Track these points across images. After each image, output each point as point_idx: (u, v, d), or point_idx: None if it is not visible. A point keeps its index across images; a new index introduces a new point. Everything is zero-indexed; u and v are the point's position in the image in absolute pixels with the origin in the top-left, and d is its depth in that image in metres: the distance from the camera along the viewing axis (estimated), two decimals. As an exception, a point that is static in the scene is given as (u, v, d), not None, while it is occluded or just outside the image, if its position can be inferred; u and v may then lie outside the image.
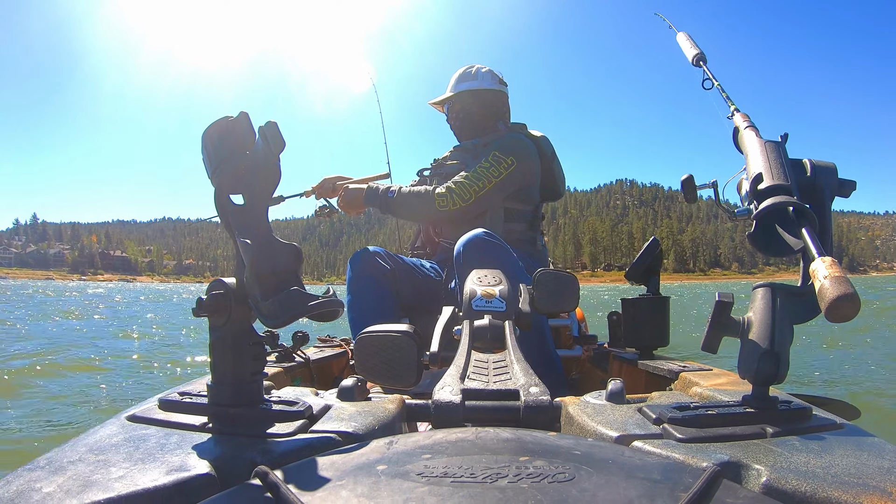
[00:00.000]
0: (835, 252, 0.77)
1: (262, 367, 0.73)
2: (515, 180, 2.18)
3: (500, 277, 1.15)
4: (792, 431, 0.69)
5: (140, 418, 0.73)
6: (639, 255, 1.71)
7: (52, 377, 4.37)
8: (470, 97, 2.37)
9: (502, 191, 2.16)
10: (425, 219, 2.36)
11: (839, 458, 0.61)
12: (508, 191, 2.18)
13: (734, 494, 0.39)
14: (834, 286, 0.67)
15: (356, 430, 0.67)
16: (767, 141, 0.94)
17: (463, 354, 0.83)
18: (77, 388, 3.98)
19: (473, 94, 2.36)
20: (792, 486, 0.54)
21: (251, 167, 0.69)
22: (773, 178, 0.86)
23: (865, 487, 0.54)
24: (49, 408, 3.42)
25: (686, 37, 1.58)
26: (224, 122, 0.70)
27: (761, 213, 0.82)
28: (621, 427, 0.68)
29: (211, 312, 0.70)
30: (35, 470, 0.56)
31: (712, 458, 0.59)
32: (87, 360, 5.30)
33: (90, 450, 0.62)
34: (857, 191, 0.88)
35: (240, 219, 0.69)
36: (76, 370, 4.70)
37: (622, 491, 0.38)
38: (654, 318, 1.66)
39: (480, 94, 2.36)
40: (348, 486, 0.39)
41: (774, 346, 0.70)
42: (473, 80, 2.37)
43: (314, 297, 0.65)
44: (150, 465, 0.57)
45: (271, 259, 0.68)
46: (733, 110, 1.16)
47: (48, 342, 6.77)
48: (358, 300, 2.04)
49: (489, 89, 2.36)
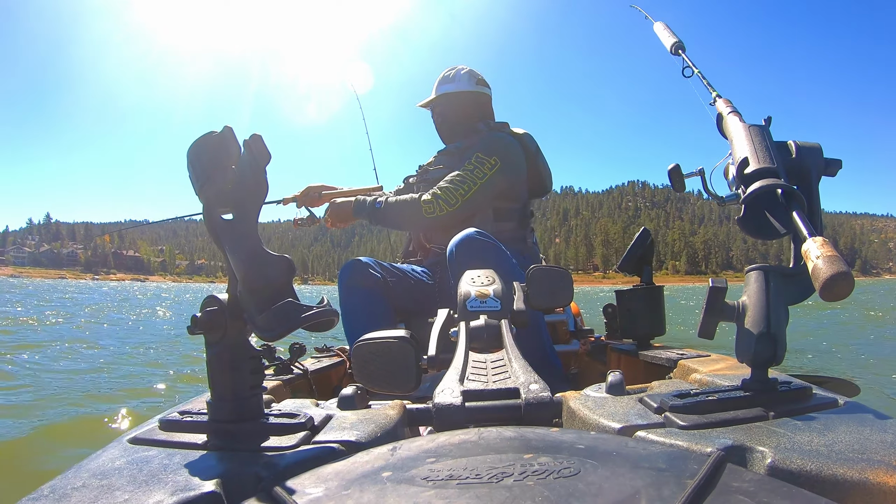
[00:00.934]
0: (847, 254, 0.78)
1: (261, 381, 0.73)
2: (501, 179, 2.17)
3: (494, 277, 1.15)
4: (793, 412, 0.69)
5: (141, 440, 0.72)
6: (630, 246, 1.71)
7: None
8: (449, 100, 2.38)
9: (488, 191, 2.16)
10: (414, 227, 2.35)
11: (842, 436, 0.61)
12: (495, 191, 2.18)
13: (740, 478, 0.39)
14: (827, 265, 0.67)
15: (359, 438, 0.66)
16: (751, 125, 0.95)
17: (461, 356, 0.83)
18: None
19: (453, 97, 2.37)
20: (797, 465, 0.54)
21: (238, 181, 0.68)
22: (759, 161, 0.86)
23: (870, 462, 0.54)
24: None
25: (664, 26, 1.59)
26: (208, 137, 0.70)
27: (749, 196, 0.82)
28: (623, 418, 0.68)
29: (206, 329, 0.69)
30: (39, 499, 0.56)
31: (716, 444, 0.59)
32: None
33: (93, 475, 0.61)
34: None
35: (229, 233, 0.69)
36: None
37: (628, 482, 0.38)
38: (648, 308, 1.67)
39: (459, 96, 2.36)
40: (354, 495, 0.39)
41: (770, 328, 0.70)
42: (451, 83, 2.37)
43: (308, 308, 0.64)
44: (155, 487, 0.57)
45: (263, 272, 0.68)
46: (715, 97, 1.16)
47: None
48: (351, 311, 2.04)
49: (468, 91, 2.36)
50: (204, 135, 0.70)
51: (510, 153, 2.23)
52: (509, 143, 2.26)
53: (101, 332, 8.08)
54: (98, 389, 3.72)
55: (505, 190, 2.22)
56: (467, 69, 2.40)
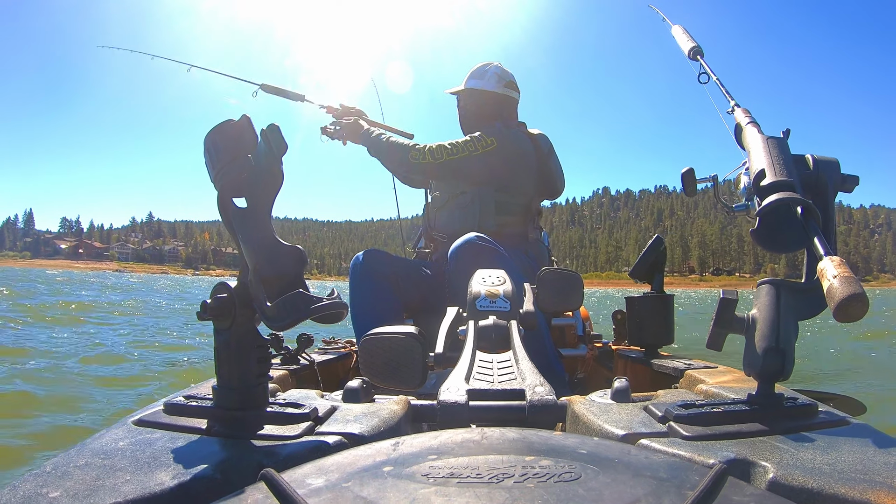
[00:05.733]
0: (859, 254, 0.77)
1: (267, 370, 0.73)
2: (495, 161, 2.19)
3: (504, 277, 1.15)
4: (798, 428, 0.68)
5: (146, 422, 0.73)
6: (642, 254, 1.70)
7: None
8: (474, 96, 2.38)
9: (477, 166, 2.18)
10: (397, 166, 2.39)
11: (846, 455, 0.60)
12: (488, 172, 2.20)
13: (741, 492, 0.39)
14: (843, 286, 0.66)
15: (362, 431, 0.67)
16: (770, 137, 0.94)
17: (468, 355, 0.83)
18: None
19: (478, 94, 2.37)
20: (799, 483, 0.54)
21: (254, 171, 0.69)
22: (777, 174, 0.85)
23: (872, 484, 0.53)
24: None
25: (682, 30, 1.57)
26: (226, 125, 0.70)
27: (765, 209, 0.81)
28: (627, 426, 0.68)
29: (215, 316, 0.70)
30: (41, 475, 0.56)
31: (719, 456, 0.59)
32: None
33: (96, 454, 0.62)
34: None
35: (243, 222, 0.70)
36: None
37: (628, 490, 0.38)
38: (658, 316, 1.65)
39: (484, 94, 2.36)
40: (354, 487, 0.39)
41: (779, 342, 0.70)
42: (480, 80, 2.38)
43: (318, 300, 0.65)
44: (156, 469, 0.57)
45: (275, 262, 0.68)
46: (733, 105, 1.15)
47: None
48: (360, 303, 2.04)
49: (493, 92, 2.36)
50: (221, 122, 0.71)
51: (511, 142, 2.24)
52: (515, 135, 2.27)
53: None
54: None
55: (503, 178, 2.23)
56: (499, 69, 2.39)
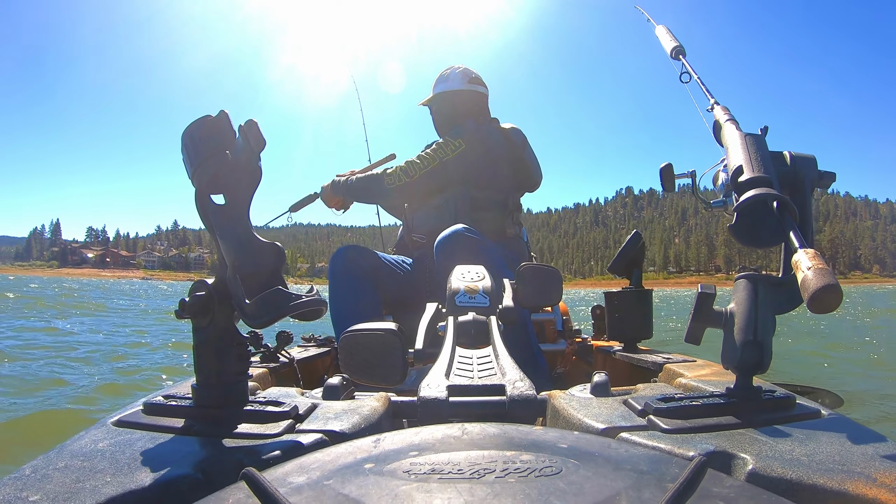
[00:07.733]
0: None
1: (247, 368, 0.72)
2: (466, 162, 2.22)
3: (483, 273, 1.15)
4: (776, 420, 0.70)
5: (125, 423, 0.72)
6: (621, 249, 1.71)
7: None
8: (444, 98, 2.43)
9: (450, 170, 2.22)
10: (380, 197, 2.43)
11: (823, 446, 0.61)
12: (461, 173, 2.23)
13: (720, 484, 0.39)
14: (817, 277, 0.67)
15: (343, 428, 0.66)
16: (748, 134, 0.95)
17: (447, 351, 0.83)
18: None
19: (447, 95, 2.43)
20: (777, 473, 0.55)
21: (232, 167, 0.68)
22: (754, 170, 0.86)
23: (850, 474, 0.55)
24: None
25: (665, 30, 1.59)
26: (204, 121, 0.69)
27: (742, 204, 0.83)
28: (607, 419, 0.68)
29: (194, 314, 0.69)
30: (21, 479, 0.55)
31: (698, 449, 0.59)
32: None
33: (75, 456, 0.61)
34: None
35: (221, 218, 0.69)
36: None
37: (609, 483, 0.38)
38: (637, 310, 1.67)
39: (452, 94, 2.42)
40: (336, 485, 0.38)
41: (757, 335, 0.71)
42: (446, 82, 2.44)
43: (297, 297, 0.64)
44: (136, 470, 0.56)
45: (253, 258, 0.67)
46: (713, 103, 1.16)
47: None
48: (340, 299, 2.04)
49: (461, 90, 2.41)
50: (199, 118, 0.70)
51: (479, 140, 2.27)
52: (482, 132, 2.30)
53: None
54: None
55: (477, 176, 2.25)
56: (462, 68, 2.45)
